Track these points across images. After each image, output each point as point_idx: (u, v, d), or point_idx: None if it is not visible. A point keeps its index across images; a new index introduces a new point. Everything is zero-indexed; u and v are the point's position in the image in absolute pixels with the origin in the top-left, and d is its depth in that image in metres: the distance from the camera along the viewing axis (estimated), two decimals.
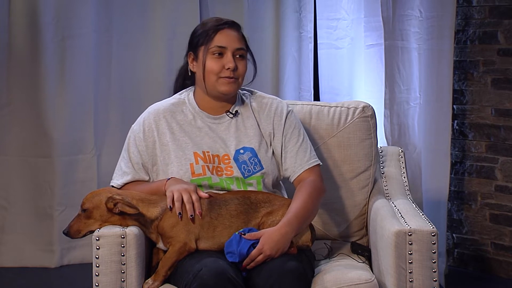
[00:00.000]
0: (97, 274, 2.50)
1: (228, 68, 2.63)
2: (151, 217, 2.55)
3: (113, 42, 4.14)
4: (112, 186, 2.72)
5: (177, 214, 2.52)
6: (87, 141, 4.14)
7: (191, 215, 2.52)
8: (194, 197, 2.54)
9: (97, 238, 2.48)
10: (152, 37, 4.16)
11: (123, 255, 2.50)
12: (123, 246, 2.49)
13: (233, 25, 2.68)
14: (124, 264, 2.50)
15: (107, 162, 4.15)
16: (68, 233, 2.56)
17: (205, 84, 2.67)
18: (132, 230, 2.52)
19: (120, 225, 2.54)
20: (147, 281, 2.53)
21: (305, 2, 4.30)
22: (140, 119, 2.74)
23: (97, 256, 2.49)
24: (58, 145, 4.09)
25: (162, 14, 4.15)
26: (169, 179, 2.63)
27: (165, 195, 2.58)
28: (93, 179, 4.15)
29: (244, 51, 2.67)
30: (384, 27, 4.01)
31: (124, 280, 2.50)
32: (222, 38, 2.64)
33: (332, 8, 4.27)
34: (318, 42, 4.33)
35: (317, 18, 4.31)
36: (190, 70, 2.74)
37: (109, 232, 2.50)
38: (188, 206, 2.52)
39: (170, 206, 2.53)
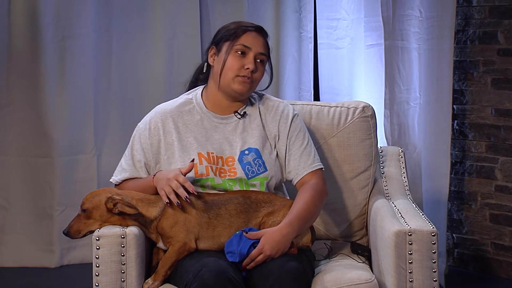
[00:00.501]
0: (97, 274, 2.50)
1: (248, 68, 2.64)
2: (150, 217, 2.55)
3: (113, 42, 4.14)
4: (112, 183, 2.73)
5: (175, 204, 2.53)
6: (87, 141, 4.14)
7: (186, 197, 2.52)
8: (181, 179, 2.55)
9: (97, 238, 2.48)
10: (152, 37, 4.16)
11: (123, 255, 2.50)
12: (123, 246, 2.49)
13: (262, 31, 2.72)
14: (124, 264, 2.50)
15: (107, 162, 4.15)
16: (68, 233, 2.56)
17: (220, 79, 2.68)
18: (132, 230, 2.52)
19: (120, 225, 2.54)
20: (147, 281, 2.54)
21: (305, 2, 4.30)
22: (146, 117, 2.75)
23: (97, 256, 2.49)
24: (58, 145, 4.09)
25: (162, 14, 4.15)
26: (155, 174, 2.63)
27: (156, 191, 2.60)
28: (93, 179, 4.15)
29: (265, 57, 2.70)
30: (384, 27, 4.01)
31: (124, 280, 2.50)
32: (249, 39, 2.67)
33: (332, 8, 4.26)
34: (318, 42, 4.33)
35: (317, 18, 4.30)
36: (207, 64, 2.75)
37: (109, 232, 2.50)
38: (180, 191, 2.53)
39: (167, 202, 2.54)
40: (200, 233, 2.55)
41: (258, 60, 2.68)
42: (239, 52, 2.66)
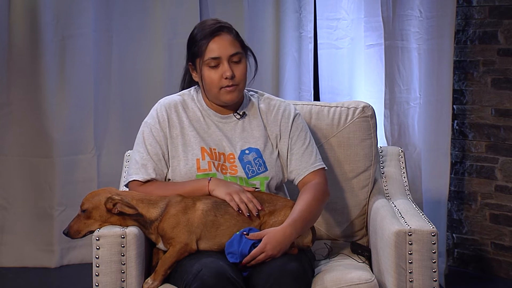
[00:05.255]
0: (97, 274, 2.50)
1: (226, 78, 2.62)
2: (150, 218, 2.55)
3: (113, 42, 4.14)
4: (135, 180, 2.68)
5: (246, 214, 2.55)
6: (87, 141, 4.14)
7: (256, 213, 2.56)
8: (249, 195, 2.58)
9: (97, 238, 2.48)
10: (152, 37, 4.16)
11: (123, 255, 2.50)
12: (123, 246, 2.49)
13: (223, 30, 2.65)
14: (124, 264, 2.50)
15: (107, 162, 4.15)
16: (68, 233, 2.56)
17: (207, 95, 2.68)
18: (132, 230, 2.52)
19: (120, 225, 2.54)
20: (146, 280, 2.54)
21: (305, 2, 4.29)
22: (153, 112, 2.74)
23: (97, 256, 2.49)
24: (58, 145, 4.09)
25: (162, 14, 4.15)
26: (210, 179, 2.62)
27: (208, 194, 2.61)
28: (93, 179, 4.15)
29: (240, 55, 2.65)
30: (384, 27, 4.01)
31: (124, 280, 2.50)
32: (215, 48, 2.62)
33: (332, 8, 4.26)
34: (318, 42, 4.32)
35: (317, 18, 4.30)
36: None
37: (109, 232, 2.50)
38: (250, 206, 2.56)
39: (238, 210, 2.56)
40: (202, 234, 2.55)
41: (234, 61, 2.64)
42: (212, 65, 2.63)
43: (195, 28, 2.70)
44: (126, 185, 2.73)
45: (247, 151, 2.69)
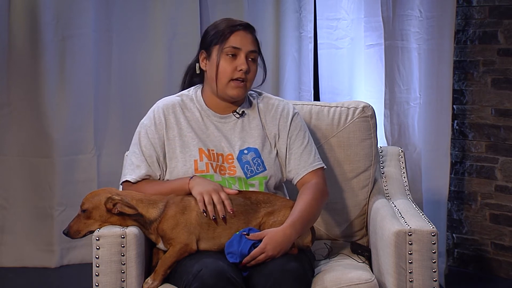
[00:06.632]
0: (97, 274, 2.50)
1: (241, 70, 2.63)
2: (150, 218, 2.55)
3: (113, 42, 4.14)
4: (127, 181, 2.70)
5: (211, 217, 2.53)
6: (87, 141, 4.14)
7: (223, 216, 2.53)
8: (223, 196, 2.55)
9: (97, 238, 2.49)
10: (152, 37, 4.16)
11: (123, 255, 2.50)
12: (123, 246, 2.49)
13: (248, 28, 2.70)
14: (124, 264, 2.50)
15: (107, 162, 4.15)
16: (68, 233, 2.57)
17: (216, 84, 2.67)
18: (132, 230, 2.52)
19: (120, 225, 2.54)
20: (146, 280, 2.54)
21: (305, 2, 4.29)
22: (150, 113, 2.75)
23: (97, 256, 2.49)
24: (58, 145, 4.09)
25: (162, 14, 4.15)
26: (192, 177, 2.62)
27: (189, 194, 2.59)
28: (93, 179, 4.15)
29: (256, 54, 2.69)
30: (384, 27, 4.02)
31: (124, 280, 2.50)
32: (237, 39, 2.65)
33: (332, 8, 4.26)
34: (318, 42, 4.32)
35: (317, 18, 4.30)
36: (200, 68, 2.74)
37: (109, 232, 2.50)
38: (219, 207, 2.53)
39: (204, 210, 2.53)
40: (200, 234, 2.55)
41: (250, 59, 2.67)
42: (230, 55, 2.65)
43: (217, 21, 2.73)
44: (121, 185, 2.74)
45: (245, 151, 2.69)
